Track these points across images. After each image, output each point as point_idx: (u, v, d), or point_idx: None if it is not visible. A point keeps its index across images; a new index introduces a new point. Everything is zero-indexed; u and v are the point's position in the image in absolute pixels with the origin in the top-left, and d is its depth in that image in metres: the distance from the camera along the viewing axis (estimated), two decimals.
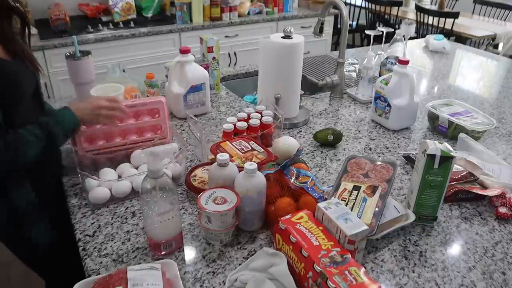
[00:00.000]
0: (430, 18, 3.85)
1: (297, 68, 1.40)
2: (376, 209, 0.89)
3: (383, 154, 1.30)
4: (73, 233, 0.96)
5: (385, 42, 1.87)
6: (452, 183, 1.07)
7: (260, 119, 1.24)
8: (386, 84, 1.40)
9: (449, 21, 3.73)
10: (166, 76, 1.60)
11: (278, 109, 1.34)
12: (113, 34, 2.77)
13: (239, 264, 0.85)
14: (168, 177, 0.82)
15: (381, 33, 1.79)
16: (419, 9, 3.95)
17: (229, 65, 3.28)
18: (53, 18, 2.68)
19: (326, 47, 3.77)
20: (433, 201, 0.95)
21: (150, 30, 2.88)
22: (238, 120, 1.23)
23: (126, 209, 1.02)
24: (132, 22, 2.93)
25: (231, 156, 1.00)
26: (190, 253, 0.89)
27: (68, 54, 1.54)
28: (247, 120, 1.24)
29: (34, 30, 2.72)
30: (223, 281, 0.81)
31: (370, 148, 1.34)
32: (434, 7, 4.29)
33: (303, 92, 1.57)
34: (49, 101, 1.64)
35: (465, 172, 1.10)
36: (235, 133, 1.20)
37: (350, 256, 0.73)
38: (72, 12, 3.01)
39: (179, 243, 0.89)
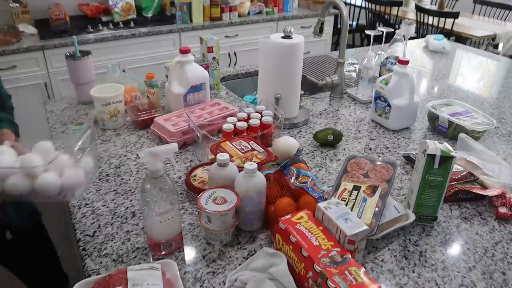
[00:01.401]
0: (430, 18, 3.85)
1: (297, 68, 1.40)
2: (376, 209, 0.89)
3: (383, 154, 1.30)
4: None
5: (385, 42, 1.87)
6: (452, 183, 1.07)
7: (260, 119, 1.24)
8: (386, 84, 1.40)
9: (449, 21, 3.73)
10: (166, 76, 1.60)
11: (278, 109, 1.34)
12: (113, 34, 2.77)
13: (239, 264, 0.85)
14: (168, 177, 0.82)
15: (381, 33, 1.79)
16: (419, 9, 3.95)
17: (229, 65, 3.28)
18: (53, 18, 2.68)
19: (326, 47, 3.77)
20: (433, 201, 0.95)
21: (150, 30, 2.88)
22: (238, 120, 1.23)
23: (126, 209, 1.02)
24: (132, 22, 2.93)
25: (231, 156, 1.00)
26: (190, 253, 0.89)
27: (68, 54, 1.54)
28: (247, 120, 1.24)
29: (34, 30, 2.73)
30: (223, 281, 0.81)
31: (370, 148, 1.34)
32: (434, 7, 4.29)
33: (303, 92, 1.57)
34: (48, 102, 1.64)
35: (465, 172, 1.10)
36: (235, 133, 1.20)
37: (350, 256, 0.73)
38: (72, 12, 3.01)
39: (179, 243, 0.89)
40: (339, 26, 4.28)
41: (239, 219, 0.91)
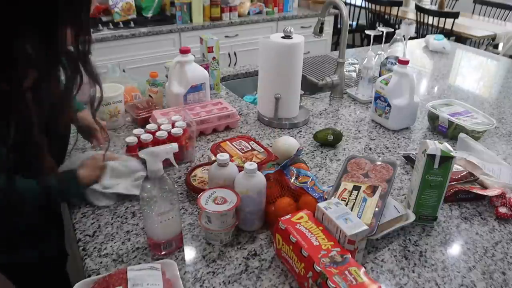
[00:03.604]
0: (430, 18, 3.85)
1: (297, 68, 1.40)
2: (376, 209, 0.89)
3: (383, 154, 1.30)
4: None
5: (385, 42, 1.87)
6: (452, 183, 1.07)
7: (169, 132, 1.15)
8: (386, 84, 1.40)
9: (449, 21, 3.73)
10: (166, 76, 1.60)
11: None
12: (113, 34, 2.77)
13: (239, 264, 0.85)
14: (168, 177, 0.82)
15: (381, 33, 1.79)
16: (419, 9, 3.95)
17: (229, 65, 3.28)
18: None
19: (326, 47, 3.78)
20: (433, 201, 0.95)
21: (150, 30, 2.88)
22: (146, 132, 1.16)
23: (126, 209, 1.02)
24: (132, 22, 2.94)
25: (231, 156, 1.00)
26: (190, 253, 0.89)
27: None
28: (153, 133, 1.15)
29: None
30: (223, 281, 0.81)
31: (370, 148, 1.34)
32: (434, 7, 4.29)
33: (303, 92, 1.57)
34: None
35: (465, 172, 1.10)
36: (140, 147, 1.11)
37: (350, 256, 0.73)
38: None
39: (179, 243, 0.89)
40: (339, 26, 4.28)
41: (239, 219, 0.91)
